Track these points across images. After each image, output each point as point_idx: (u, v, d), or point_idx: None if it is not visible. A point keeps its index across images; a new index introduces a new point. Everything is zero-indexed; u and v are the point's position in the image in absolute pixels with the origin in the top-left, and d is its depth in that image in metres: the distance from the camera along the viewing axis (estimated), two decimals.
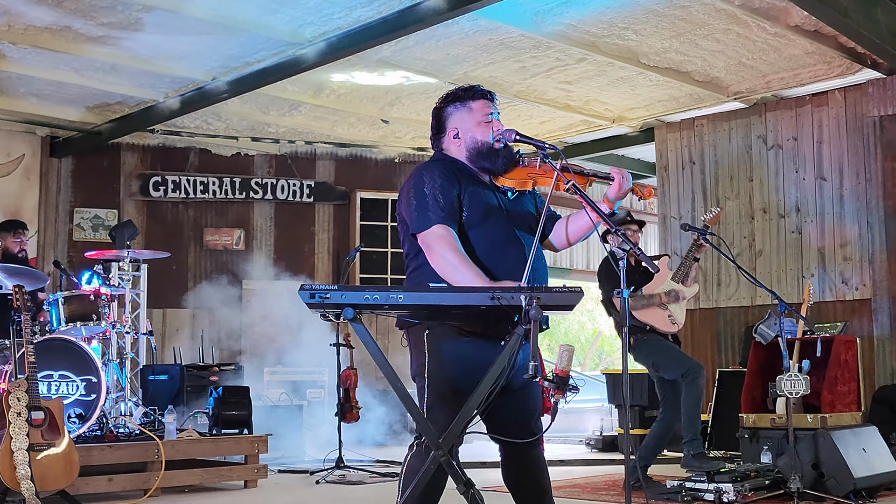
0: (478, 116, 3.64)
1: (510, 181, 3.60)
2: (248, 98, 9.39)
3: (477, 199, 3.52)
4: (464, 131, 3.64)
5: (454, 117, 3.67)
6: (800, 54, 8.30)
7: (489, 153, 3.60)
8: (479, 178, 3.61)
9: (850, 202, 8.92)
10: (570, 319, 27.98)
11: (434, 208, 3.45)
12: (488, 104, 3.67)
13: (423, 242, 3.46)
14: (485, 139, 3.61)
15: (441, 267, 3.41)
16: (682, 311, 6.81)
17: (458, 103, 3.67)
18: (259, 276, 11.01)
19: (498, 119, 3.67)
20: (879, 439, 6.37)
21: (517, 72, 8.75)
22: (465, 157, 3.63)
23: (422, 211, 3.46)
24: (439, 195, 3.47)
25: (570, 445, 10.59)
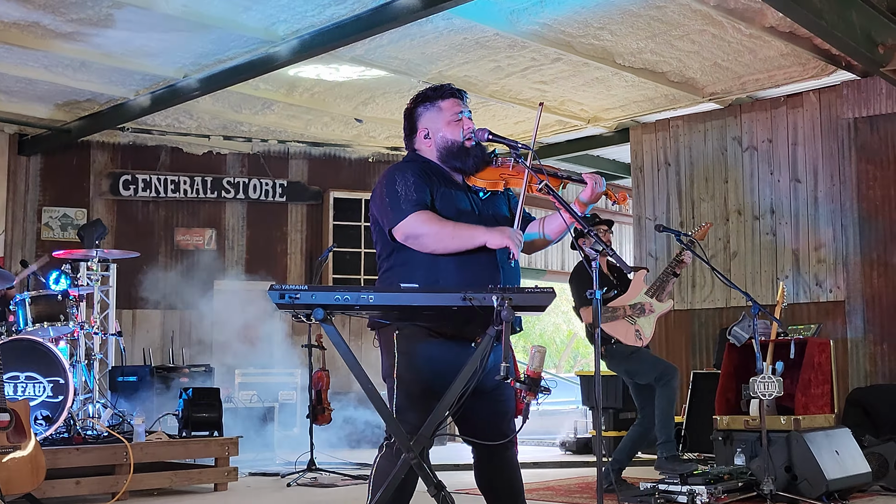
0: (447, 116, 3.65)
1: (482, 181, 3.61)
2: (220, 96, 9.35)
3: (448, 201, 3.53)
4: (434, 131, 3.65)
5: (424, 117, 3.69)
6: (775, 56, 8.35)
7: (459, 152, 3.60)
8: (450, 179, 3.62)
9: (825, 204, 8.98)
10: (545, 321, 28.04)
11: (406, 202, 3.46)
12: (458, 103, 3.68)
13: (405, 234, 3.45)
14: (455, 138, 3.61)
15: (437, 245, 3.42)
16: (650, 325, 6.78)
17: (428, 103, 3.69)
18: (231, 276, 10.97)
19: (469, 118, 3.68)
20: (852, 441, 6.42)
21: (492, 71, 8.76)
22: (437, 156, 3.64)
23: (395, 206, 3.47)
24: (412, 191, 3.48)
25: (544, 448, 10.61)
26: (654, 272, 9.35)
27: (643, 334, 6.72)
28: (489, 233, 3.41)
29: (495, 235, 3.40)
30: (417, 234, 3.43)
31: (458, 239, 3.41)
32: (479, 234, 3.42)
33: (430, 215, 3.44)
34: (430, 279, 3.38)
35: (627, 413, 8.67)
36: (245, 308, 10.64)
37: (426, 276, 3.41)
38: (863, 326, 8.63)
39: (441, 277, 3.41)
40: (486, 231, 3.42)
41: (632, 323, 6.74)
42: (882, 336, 8.52)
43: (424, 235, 3.43)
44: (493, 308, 3.09)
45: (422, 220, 3.43)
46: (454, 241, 3.41)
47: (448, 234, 3.42)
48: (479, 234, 3.42)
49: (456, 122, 3.64)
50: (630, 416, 8.08)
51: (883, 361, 8.49)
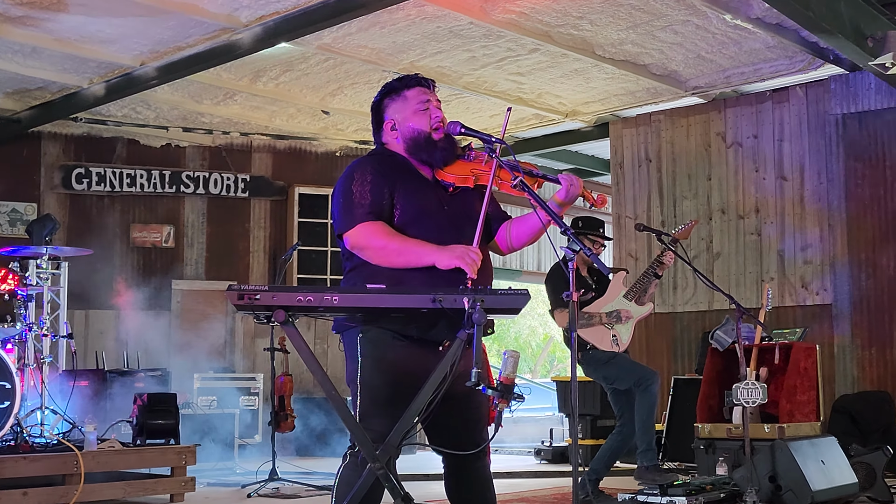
0: (413, 105, 3.62)
1: (451, 176, 3.58)
2: (180, 85, 9.28)
3: (412, 197, 3.50)
4: (400, 121, 3.63)
5: (390, 108, 3.67)
6: (760, 48, 8.39)
7: (427, 143, 3.58)
8: (417, 174, 3.59)
9: (812, 203, 9.03)
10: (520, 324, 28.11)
11: (359, 207, 3.45)
12: (424, 91, 3.65)
13: (353, 245, 3.46)
14: (421, 128, 3.59)
15: (382, 260, 3.41)
16: (628, 330, 6.77)
17: (394, 94, 3.67)
18: (190, 275, 10.91)
19: (437, 107, 3.65)
20: (839, 450, 6.45)
21: (466, 62, 8.75)
22: (404, 148, 3.62)
23: (346, 210, 3.47)
24: (367, 193, 3.46)
25: (519, 456, 10.61)
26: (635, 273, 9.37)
27: (620, 340, 6.71)
28: (439, 253, 3.36)
29: (445, 256, 3.34)
30: (362, 247, 3.44)
31: (403, 256, 3.39)
32: (428, 253, 3.37)
33: (378, 227, 3.42)
34: (395, 279, 3.36)
35: (606, 420, 8.67)
36: (205, 309, 10.58)
37: (392, 276, 3.38)
38: (850, 330, 8.69)
39: (406, 278, 3.38)
40: (436, 250, 3.37)
41: (609, 328, 6.73)
42: (870, 340, 8.58)
43: (369, 249, 3.43)
44: (463, 310, 3.07)
45: (369, 232, 3.42)
46: (399, 259, 3.39)
47: (394, 251, 3.40)
48: (428, 253, 3.37)
49: (422, 111, 3.61)
50: (608, 424, 8.08)
51: (871, 367, 8.55)
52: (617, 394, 6.84)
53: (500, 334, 28.79)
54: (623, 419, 6.81)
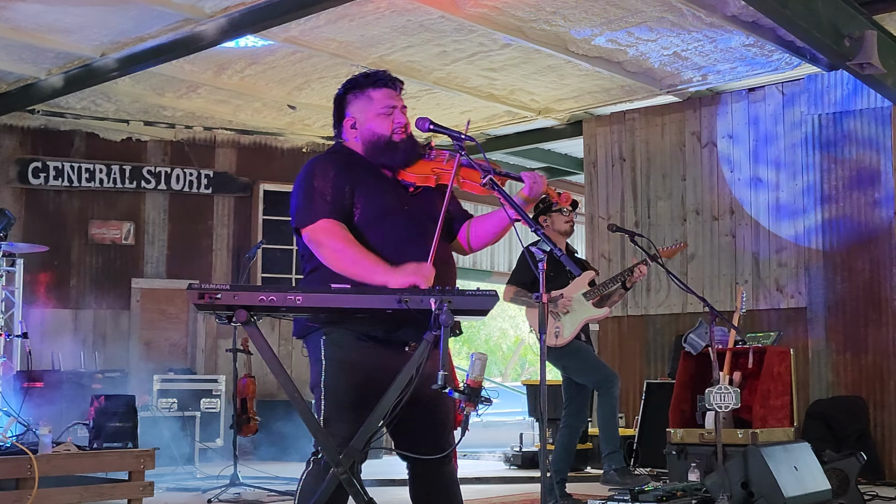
0: (377, 108, 3.60)
1: (412, 175, 3.59)
2: (141, 77, 9.23)
3: (373, 197, 3.50)
4: (361, 122, 3.62)
5: (353, 106, 3.65)
6: (737, 46, 8.45)
7: (386, 148, 3.57)
8: (377, 172, 3.59)
9: (787, 205, 9.10)
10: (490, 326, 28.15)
11: (320, 202, 3.45)
12: (391, 95, 3.63)
13: (310, 240, 3.45)
14: (382, 133, 3.58)
15: (335, 262, 3.40)
16: (573, 325, 6.81)
17: (358, 91, 3.64)
18: (150, 273, 10.86)
19: (402, 111, 3.64)
20: (812, 456, 6.50)
21: (437, 56, 8.75)
22: (362, 149, 3.61)
23: (307, 204, 3.47)
24: (329, 189, 3.46)
25: (487, 462, 10.62)
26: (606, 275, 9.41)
27: (562, 334, 6.77)
28: (392, 273, 3.32)
29: (398, 276, 3.31)
30: (319, 243, 3.43)
31: (357, 267, 3.37)
32: (381, 272, 3.34)
33: (339, 229, 3.42)
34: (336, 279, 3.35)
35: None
36: (165, 308, 10.52)
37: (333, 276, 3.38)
38: (825, 334, 8.76)
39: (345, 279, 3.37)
40: (388, 271, 3.33)
41: (555, 319, 6.78)
42: (845, 345, 8.65)
43: (325, 248, 3.42)
44: (430, 311, 3.08)
45: (329, 231, 3.42)
46: (352, 268, 3.37)
47: (349, 259, 3.39)
48: (381, 272, 3.34)
49: (386, 115, 3.59)
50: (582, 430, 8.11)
51: (845, 372, 8.62)
52: (570, 383, 6.90)
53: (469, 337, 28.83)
54: (569, 409, 6.88)
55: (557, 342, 6.76)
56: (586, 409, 7.08)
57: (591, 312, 6.89)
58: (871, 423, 8.35)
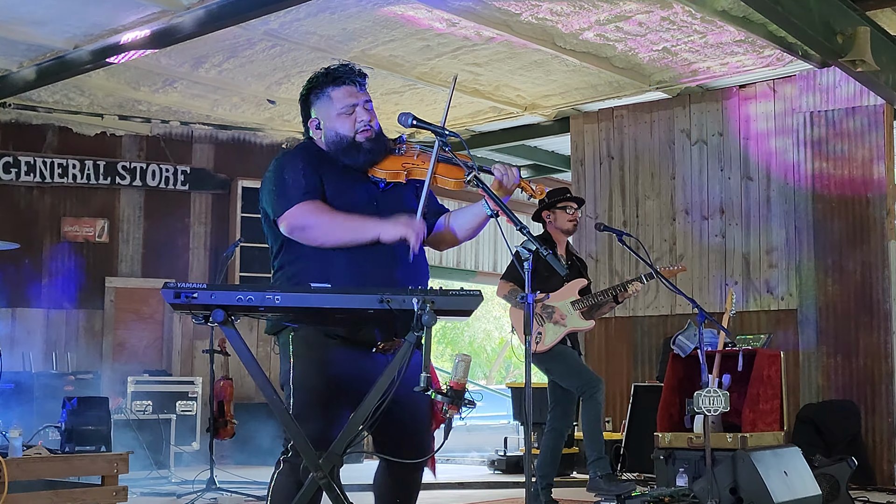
0: (337, 107, 3.63)
1: (381, 172, 3.61)
2: (116, 70, 9.20)
3: (341, 193, 3.54)
4: (324, 122, 3.66)
5: (315, 106, 3.69)
6: (727, 42, 8.47)
7: (349, 148, 3.59)
8: (347, 168, 3.61)
9: (778, 204, 9.13)
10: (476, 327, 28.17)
11: (294, 189, 3.48)
12: (351, 92, 3.64)
13: (291, 226, 3.46)
14: (345, 133, 3.60)
15: (326, 236, 3.42)
16: (555, 335, 6.83)
17: (319, 90, 3.67)
18: (125, 272, 10.82)
19: (366, 107, 3.64)
20: (802, 461, 6.54)
21: (420, 51, 8.74)
22: (327, 149, 3.65)
23: (281, 194, 3.50)
24: (301, 178, 3.50)
25: (471, 466, 10.63)
26: (593, 275, 9.43)
27: (543, 340, 6.77)
28: (383, 224, 3.41)
29: (390, 227, 3.40)
30: (304, 226, 3.45)
31: (348, 231, 3.43)
32: (372, 225, 3.42)
33: (318, 205, 3.46)
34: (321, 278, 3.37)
35: None
36: (140, 308, 10.48)
37: (318, 274, 3.39)
38: (816, 337, 8.79)
39: (332, 276, 3.39)
40: (380, 222, 3.42)
41: (539, 324, 6.79)
42: (836, 348, 8.69)
43: (311, 227, 3.44)
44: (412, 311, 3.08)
45: (309, 210, 3.44)
46: (345, 234, 3.43)
47: (338, 226, 3.43)
48: (372, 225, 3.42)
49: (347, 115, 3.61)
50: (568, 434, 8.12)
51: (836, 375, 8.66)
52: (555, 386, 6.92)
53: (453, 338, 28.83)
54: (554, 412, 6.90)
55: (537, 348, 6.78)
56: (572, 412, 7.10)
57: (576, 324, 6.89)
58: (862, 428, 8.38)
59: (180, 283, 3.11)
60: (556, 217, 7.01)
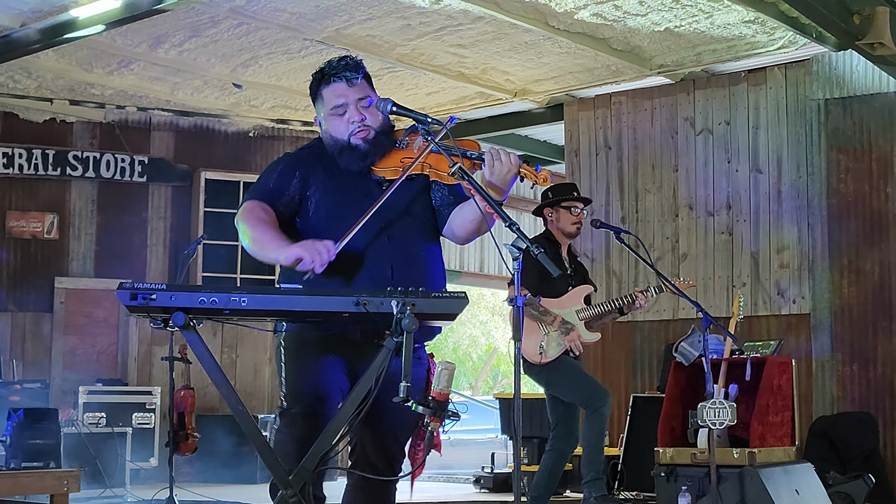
0: (328, 108, 3.72)
1: (380, 170, 3.63)
2: (67, 51, 9.17)
3: (332, 190, 3.61)
4: (322, 122, 3.79)
5: (316, 105, 3.81)
6: (735, 23, 8.49)
7: (342, 151, 3.68)
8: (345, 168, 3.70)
9: (790, 199, 9.17)
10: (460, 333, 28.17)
11: (255, 187, 3.69)
12: (341, 90, 3.69)
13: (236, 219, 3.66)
14: (338, 136, 3.69)
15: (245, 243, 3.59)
16: (559, 346, 6.84)
17: (315, 89, 3.79)
18: (76, 272, 10.80)
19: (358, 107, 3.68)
20: (815, 479, 6.57)
21: (400, 31, 8.74)
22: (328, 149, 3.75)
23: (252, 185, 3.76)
24: (270, 182, 3.67)
25: (456, 484, 10.64)
26: None
27: (546, 352, 6.77)
28: (286, 247, 3.48)
29: (291, 249, 3.45)
30: (237, 222, 3.63)
31: (257, 245, 3.56)
32: (274, 247, 3.50)
33: (256, 210, 3.59)
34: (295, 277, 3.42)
35: None
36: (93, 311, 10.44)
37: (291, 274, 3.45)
38: (830, 344, 8.83)
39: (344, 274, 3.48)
40: (283, 247, 3.48)
41: (545, 333, 6.79)
42: (852, 355, 8.73)
43: (239, 226, 3.62)
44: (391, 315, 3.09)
45: (244, 210, 3.61)
46: (254, 247, 3.57)
47: (253, 238, 3.56)
48: (274, 247, 3.50)
49: (338, 115, 3.69)
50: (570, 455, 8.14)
51: (852, 385, 8.70)
52: (556, 403, 6.92)
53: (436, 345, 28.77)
54: (557, 431, 6.90)
55: (541, 360, 6.77)
56: (576, 430, 7.08)
57: (584, 336, 6.91)
58: (880, 442, 8.42)
59: (137, 283, 3.11)
60: (559, 217, 7.03)
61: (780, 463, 6.72)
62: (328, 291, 3.24)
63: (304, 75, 9.56)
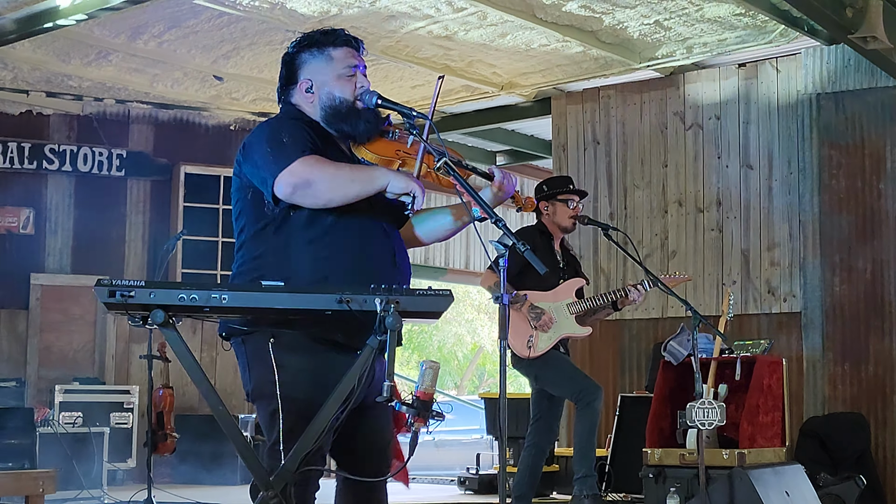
0: (338, 68, 3.64)
1: (373, 155, 3.62)
2: (43, 41, 9.14)
3: None
4: (319, 84, 3.64)
5: (309, 66, 3.67)
6: (725, 15, 8.51)
7: (349, 114, 3.61)
8: (336, 146, 3.62)
9: (780, 196, 9.19)
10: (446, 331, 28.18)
11: (291, 146, 3.41)
12: (353, 54, 3.68)
13: (294, 183, 3.36)
14: (344, 96, 3.62)
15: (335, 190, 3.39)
16: (549, 340, 6.85)
17: (316, 49, 3.67)
18: (53, 268, 10.78)
19: (364, 74, 3.69)
20: (805, 480, 6.60)
21: (385, 21, 8.74)
22: (320, 116, 3.63)
23: (280, 153, 3.41)
24: (298, 137, 3.45)
25: (440, 486, 10.64)
26: None
27: (535, 346, 6.79)
28: (391, 174, 3.43)
29: (399, 178, 3.41)
30: (309, 180, 3.37)
31: (356, 182, 3.42)
32: (380, 174, 3.44)
33: (319, 158, 3.42)
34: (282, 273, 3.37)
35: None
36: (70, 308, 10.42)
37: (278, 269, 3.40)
38: (821, 343, 8.86)
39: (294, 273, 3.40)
40: (388, 172, 3.45)
41: (533, 327, 6.80)
42: (843, 355, 8.76)
43: (317, 181, 3.38)
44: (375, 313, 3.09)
45: (311, 164, 3.39)
46: (353, 186, 3.41)
47: (346, 177, 3.43)
48: (380, 174, 3.44)
49: (348, 77, 3.64)
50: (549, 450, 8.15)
51: (844, 385, 8.73)
52: (541, 396, 6.93)
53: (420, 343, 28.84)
54: (536, 426, 6.92)
55: (530, 354, 6.79)
56: (556, 426, 7.13)
57: (572, 329, 6.93)
58: (871, 443, 8.45)
59: (115, 279, 3.10)
60: (556, 210, 7.04)
61: (771, 464, 6.74)
62: (310, 289, 3.23)
63: None
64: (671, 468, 7.02)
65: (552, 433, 7.05)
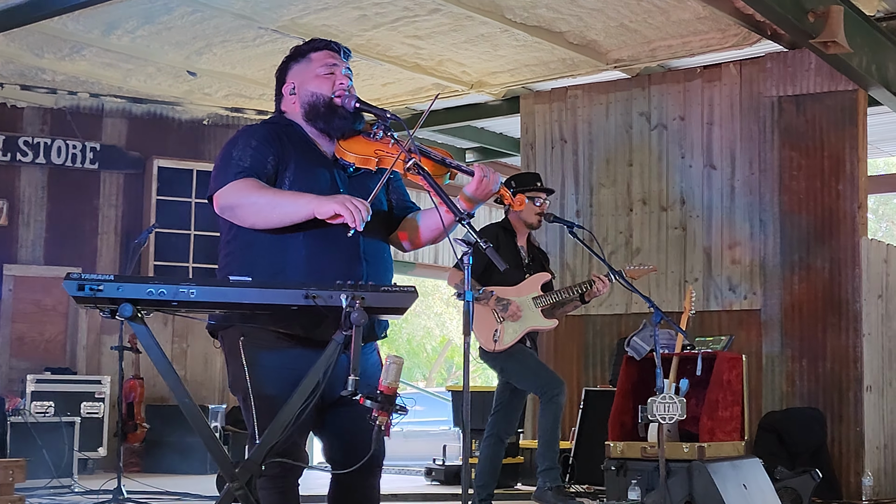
0: (315, 67, 3.72)
1: (351, 155, 3.64)
2: (17, 35, 9.07)
3: (305, 175, 3.57)
4: (300, 85, 3.73)
5: (293, 71, 3.78)
6: (690, 19, 8.55)
7: (326, 110, 3.67)
8: (314, 150, 3.66)
9: (742, 196, 9.25)
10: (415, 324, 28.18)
11: (234, 167, 3.50)
12: (331, 55, 3.75)
13: (221, 205, 3.49)
14: (322, 92, 3.68)
15: (255, 217, 3.44)
16: (515, 333, 6.86)
17: (300, 56, 3.78)
18: (25, 259, 10.73)
19: (346, 75, 3.74)
20: (763, 474, 6.64)
21: (356, 21, 8.73)
22: (302, 116, 3.71)
23: (221, 172, 3.53)
24: (247, 158, 3.52)
25: (407, 476, 10.65)
26: None
27: (501, 339, 6.81)
28: (318, 201, 3.40)
29: (325, 203, 3.39)
30: (233, 205, 3.47)
31: (279, 209, 3.43)
32: (305, 202, 3.42)
33: (253, 183, 3.47)
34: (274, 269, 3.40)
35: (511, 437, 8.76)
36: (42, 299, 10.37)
37: (270, 264, 3.43)
38: (780, 339, 8.92)
39: (288, 267, 3.45)
40: (315, 199, 3.42)
41: (499, 321, 6.82)
42: (801, 351, 8.82)
43: (240, 207, 3.46)
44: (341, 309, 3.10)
45: (240, 189, 3.46)
46: (274, 213, 3.43)
47: (267, 204, 3.44)
48: (305, 202, 3.42)
49: (326, 75, 3.71)
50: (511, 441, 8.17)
51: (801, 381, 8.79)
52: (505, 387, 6.96)
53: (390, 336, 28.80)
54: (496, 416, 6.95)
55: (496, 347, 6.80)
56: (517, 418, 7.16)
57: (537, 322, 6.94)
58: (828, 438, 8.51)
59: (85, 273, 3.10)
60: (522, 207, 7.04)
61: (729, 458, 6.78)
62: (277, 284, 3.23)
63: (258, 64, 9.54)
64: (633, 461, 7.06)
65: (512, 425, 7.09)
